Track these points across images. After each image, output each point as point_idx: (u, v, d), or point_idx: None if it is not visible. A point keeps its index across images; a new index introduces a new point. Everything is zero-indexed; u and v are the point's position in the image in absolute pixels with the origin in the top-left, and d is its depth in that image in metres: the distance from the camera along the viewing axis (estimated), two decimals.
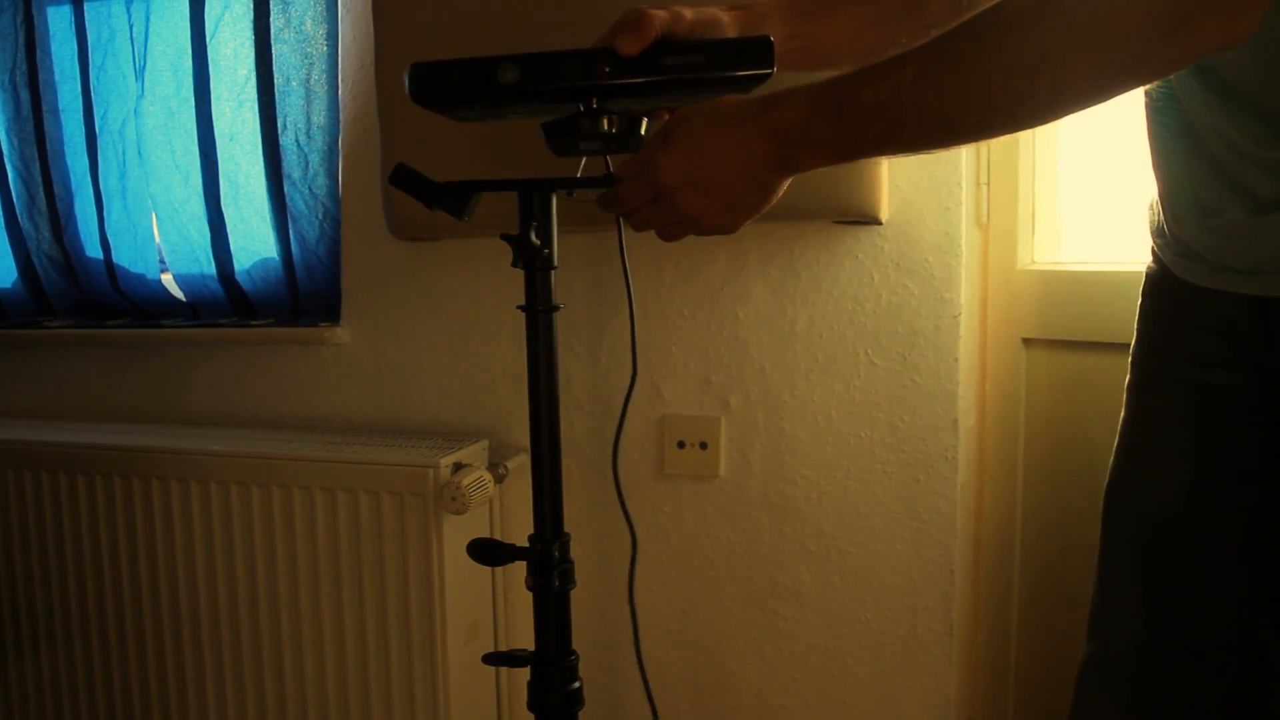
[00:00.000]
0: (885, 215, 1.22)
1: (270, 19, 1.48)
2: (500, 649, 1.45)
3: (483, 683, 1.44)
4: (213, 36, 1.52)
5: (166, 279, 1.66)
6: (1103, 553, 0.93)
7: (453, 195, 0.88)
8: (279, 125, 1.51)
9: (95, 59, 1.59)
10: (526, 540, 0.95)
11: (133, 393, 1.67)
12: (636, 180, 0.82)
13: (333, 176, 1.51)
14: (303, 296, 1.57)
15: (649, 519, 1.39)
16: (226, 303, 1.61)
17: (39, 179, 1.67)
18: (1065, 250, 1.30)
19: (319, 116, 1.49)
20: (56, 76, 1.64)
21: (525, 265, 0.90)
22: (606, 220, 0.91)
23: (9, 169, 1.68)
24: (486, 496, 1.33)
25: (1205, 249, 0.82)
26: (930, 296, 1.24)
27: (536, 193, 0.89)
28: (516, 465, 1.42)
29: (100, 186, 1.63)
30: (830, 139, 0.75)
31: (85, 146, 1.62)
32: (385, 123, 1.32)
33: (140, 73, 1.56)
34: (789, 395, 1.31)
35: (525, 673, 0.97)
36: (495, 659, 0.99)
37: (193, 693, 1.47)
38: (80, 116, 1.62)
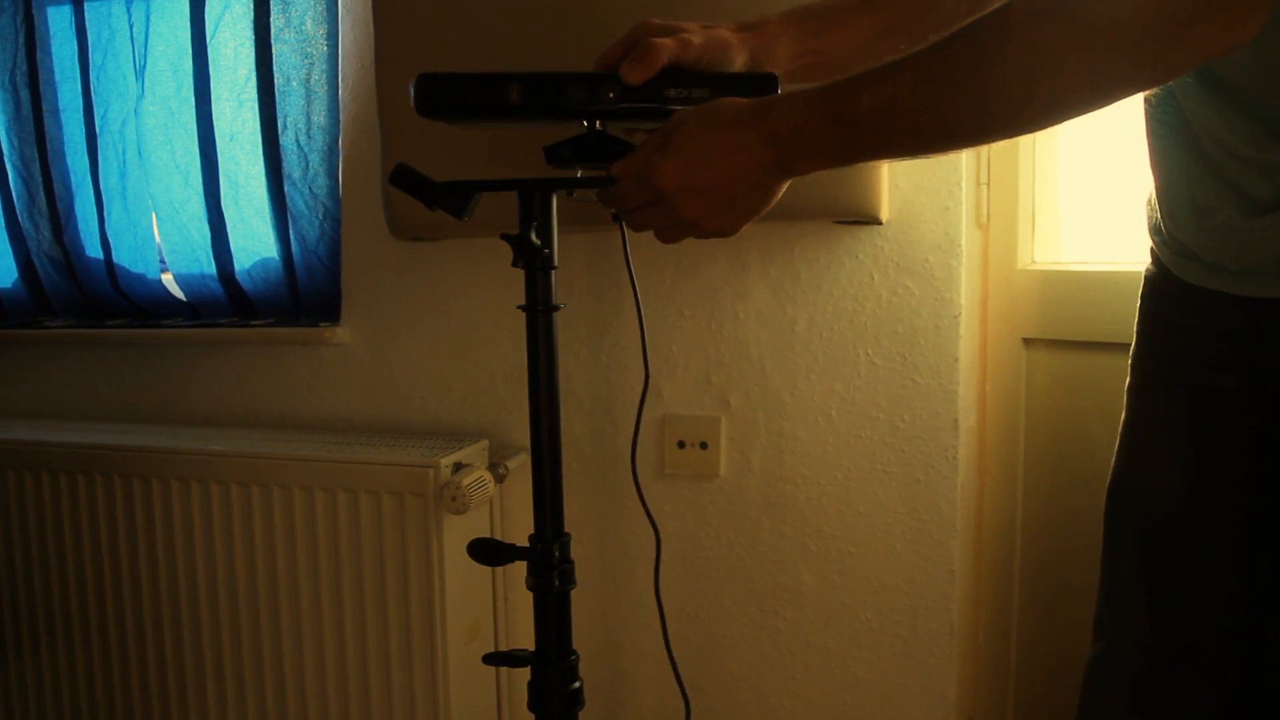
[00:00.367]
0: (885, 215, 1.22)
1: (270, 19, 1.48)
2: (500, 649, 1.45)
3: (483, 683, 1.44)
4: (213, 36, 1.52)
5: (166, 279, 1.66)
6: (1106, 553, 0.93)
7: (453, 195, 0.88)
8: (279, 125, 1.51)
9: (95, 59, 1.59)
10: (526, 540, 0.95)
11: (133, 393, 1.67)
12: (635, 182, 0.82)
13: (333, 176, 1.51)
14: (303, 296, 1.57)
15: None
16: (226, 303, 1.61)
17: (39, 179, 1.67)
18: (1065, 250, 1.30)
19: (319, 116, 1.49)
20: (56, 76, 1.64)
21: (525, 265, 0.90)
22: (606, 220, 0.91)
23: (9, 169, 1.68)
24: (486, 496, 1.33)
25: (1200, 249, 0.82)
26: (930, 296, 1.24)
27: (537, 193, 0.89)
28: (516, 465, 1.42)
29: (100, 186, 1.63)
30: (828, 143, 0.74)
31: (85, 146, 1.62)
32: (385, 123, 1.32)
33: (140, 73, 1.56)
34: (789, 395, 1.31)
35: (525, 673, 0.97)
36: (495, 659, 0.99)
37: (193, 692, 1.47)
38: (80, 116, 1.62)
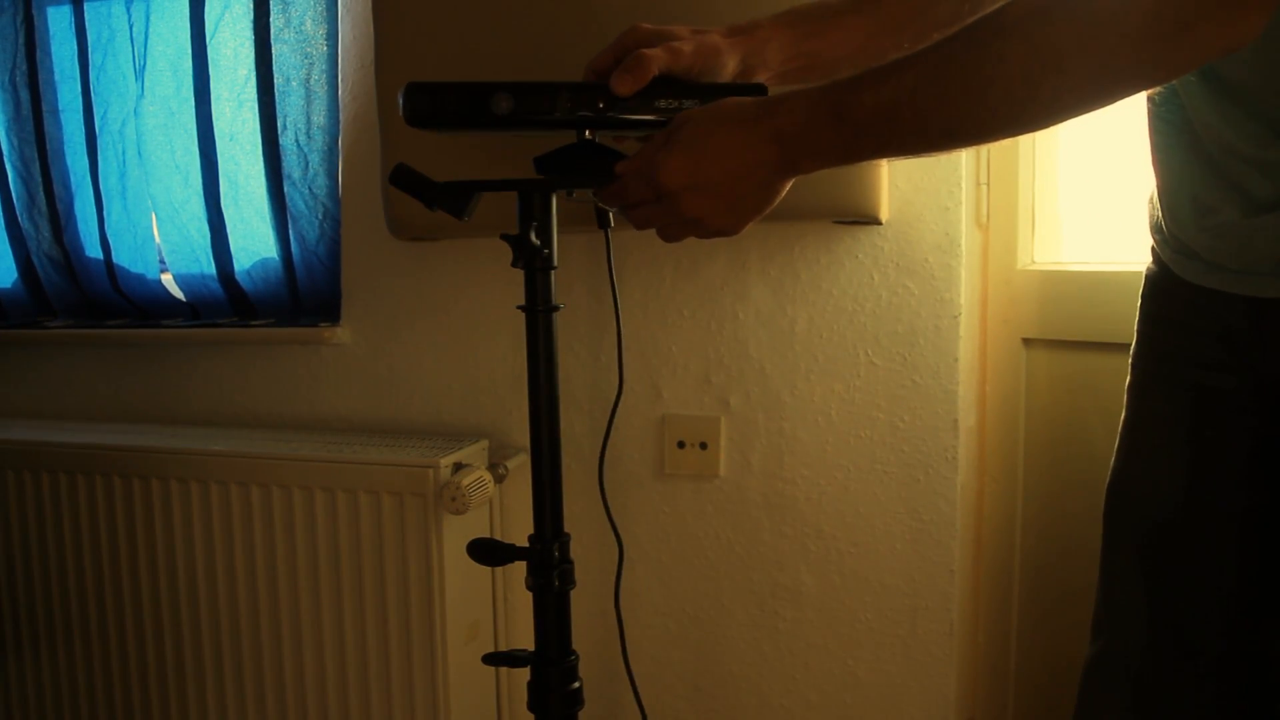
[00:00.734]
0: (885, 215, 1.22)
1: (270, 19, 1.48)
2: (500, 649, 1.45)
3: (483, 683, 1.44)
4: (213, 36, 1.52)
5: (166, 279, 1.66)
6: (1105, 553, 0.93)
7: (453, 195, 0.88)
8: (279, 125, 1.51)
9: (95, 59, 1.59)
10: (526, 540, 0.95)
11: (133, 393, 1.67)
12: (639, 178, 0.81)
13: (333, 176, 1.51)
14: (303, 296, 1.57)
15: (649, 519, 1.39)
16: (226, 303, 1.61)
17: (39, 179, 1.67)
18: (1065, 250, 1.30)
19: (319, 116, 1.49)
20: (56, 76, 1.64)
21: (525, 265, 0.90)
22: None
23: (9, 169, 1.68)
24: (486, 496, 1.33)
25: (1201, 248, 0.82)
26: (930, 296, 1.24)
27: (536, 193, 0.89)
28: (516, 465, 1.42)
29: (100, 186, 1.63)
30: (831, 142, 0.75)
31: (85, 146, 1.62)
32: (385, 123, 1.32)
33: (140, 73, 1.56)
34: (789, 395, 1.31)
35: (525, 673, 0.97)
36: (495, 659, 0.99)
37: (193, 692, 1.47)
38: (80, 116, 1.62)
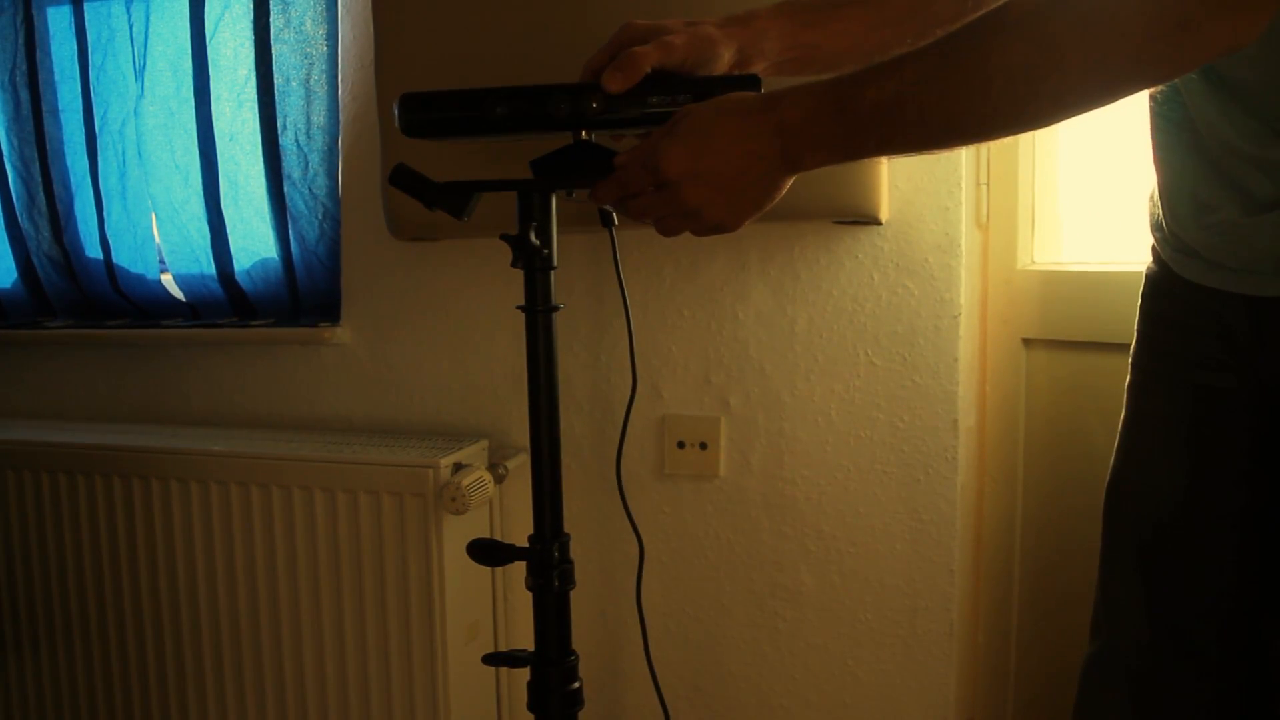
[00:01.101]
0: (885, 215, 1.22)
1: (270, 19, 1.48)
2: (500, 649, 1.45)
3: (483, 683, 1.44)
4: (213, 36, 1.52)
5: (166, 279, 1.66)
6: (1104, 552, 0.93)
7: (453, 195, 0.88)
8: (279, 125, 1.51)
9: (95, 59, 1.59)
10: (526, 540, 0.95)
11: (133, 393, 1.67)
12: (640, 166, 0.80)
13: (333, 176, 1.51)
14: (303, 296, 1.57)
15: (649, 519, 1.39)
16: (226, 303, 1.61)
17: (39, 179, 1.67)
18: (1065, 250, 1.30)
19: (319, 116, 1.49)
20: (56, 76, 1.64)
21: (525, 265, 0.90)
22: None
23: (9, 169, 1.68)
24: (486, 496, 1.33)
25: (1201, 246, 0.82)
26: (930, 296, 1.24)
27: (536, 193, 0.89)
28: (516, 465, 1.42)
29: (100, 186, 1.63)
30: (833, 137, 0.74)
31: (85, 146, 1.62)
32: (385, 123, 1.32)
33: (140, 73, 1.56)
34: (789, 395, 1.31)
35: (525, 673, 0.97)
36: (495, 659, 0.99)
37: (192, 692, 1.47)
38: (80, 116, 1.62)
